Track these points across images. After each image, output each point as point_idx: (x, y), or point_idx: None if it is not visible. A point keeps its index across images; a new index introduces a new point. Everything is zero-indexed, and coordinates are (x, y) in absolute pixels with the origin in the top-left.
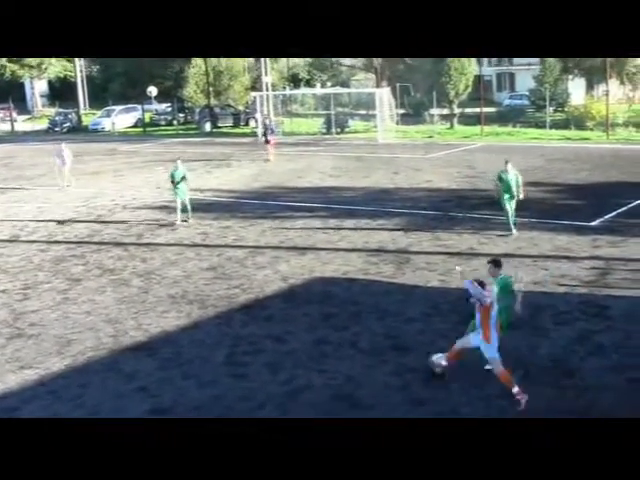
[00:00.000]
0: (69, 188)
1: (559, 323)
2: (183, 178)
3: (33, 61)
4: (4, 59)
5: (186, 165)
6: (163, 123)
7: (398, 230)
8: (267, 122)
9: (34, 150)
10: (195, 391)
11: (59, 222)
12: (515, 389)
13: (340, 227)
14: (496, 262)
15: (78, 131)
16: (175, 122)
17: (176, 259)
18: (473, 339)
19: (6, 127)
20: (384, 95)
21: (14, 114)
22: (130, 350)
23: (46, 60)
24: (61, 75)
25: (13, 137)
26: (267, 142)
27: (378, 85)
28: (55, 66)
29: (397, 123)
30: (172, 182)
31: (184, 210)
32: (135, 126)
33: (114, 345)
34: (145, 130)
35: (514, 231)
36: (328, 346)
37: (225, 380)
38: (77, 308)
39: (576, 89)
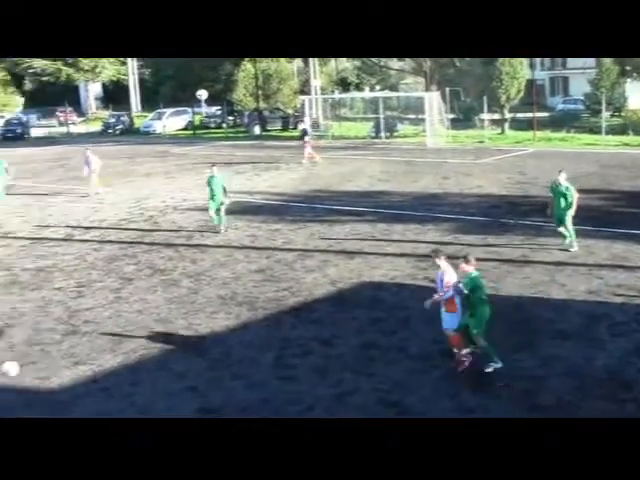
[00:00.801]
0: (98, 196)
1: (615, 334)
2: (223, 189)
3: (87, 65)
4: (59, 62)
5: (235, 168)
6: (213, 126)
7: (447, 235)
8: (305, 125)
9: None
10: (243, 392)
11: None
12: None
13: (388, 231)
14: (465, 258)
15: (130, 133)
16: (225, 125)
17: (225, 261)
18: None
19: (65, 129)
20: (434, 99)
21: (74, 117)
22: (180, 350)
23: (100, 63)
24: (114, 78)
25: (69, 139)
26: (305, 145)
27: (427, 89)
28: (109, 69)
29: (447, 128)
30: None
31: (220, 219)
32: (185, 129)
33: (165, 344)
34: (195, 133)
35: (574, 246)
36: (376, 350)
37: (273, 382)
38: (129, 307)
39: (634, 93)
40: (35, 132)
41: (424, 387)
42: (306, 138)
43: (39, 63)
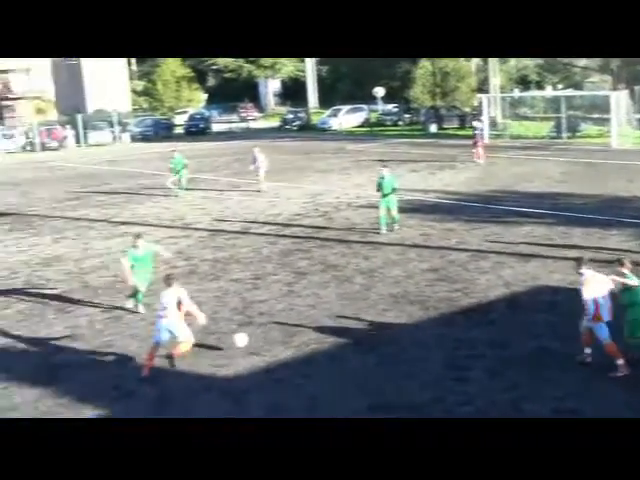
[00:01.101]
0: (265, 194)
1: None
2: (393, 189)
3: (267, 62)
4: (241, 60)
5: (410, 166)
6: (389, 123)
7: (632, 241)
8: (476, 124)
9: (266, 147)
10: (415, 391)
11: None
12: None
13: (568, 235)
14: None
15: (307, 129)
16: (401, 123)
17: (398, 259)
18: None
19: (245, 125)
20: (621, 98)
21: (255, 113)
22: (351, 346)
23: (279, 60)
24: (293, 75)
25: (247, 134)
26: (475, 144)
27: (615, 88)
28: (288, 66)
29: (635, 128)
30: (378, 191)
31: (392, 220)
32: (361, 126)
33: (336, 339)
34: (371, 130)
35: None
36: (551, 357)
37: (445, 383)
38: (301, 301)
39: None
40: (216, 127)
41: (600, 395)
42: (476, 137)
43: (222, 60)
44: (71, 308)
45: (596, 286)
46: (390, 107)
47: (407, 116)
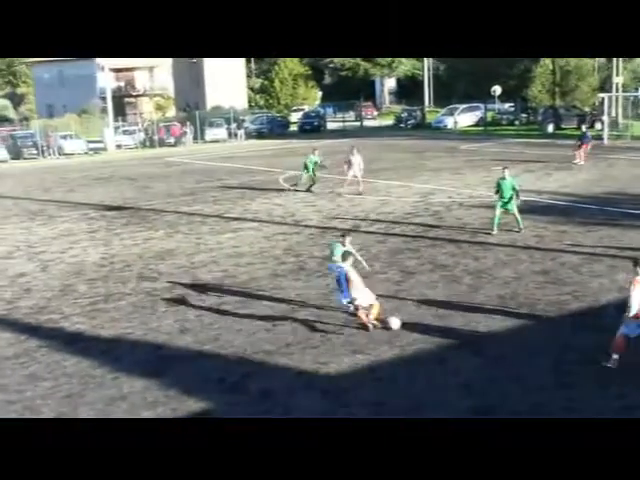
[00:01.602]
0: (344, 196)
1: None
2: (514, 190)
3: (385, 60)
4: (359, 58)
5: (525, 166)
6: (505, 123)
7: None
8: (583, 127)
9: (380, 145)
10: (519, 395)
11: None
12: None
13: None
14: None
15: (422, 128)
16: (517, 122)
17: (508, 260)
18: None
19: (359, 123)
20: None
21: (374, 111)
22: (457, 346)
23: (397, 59)
24: (409, 74)
25: (361, 132)
26: (580, 146)
27: None
28: (405, 65)
29: None
30: (496, 193)
31: (517, 223)
32: (476, 125)
33: (441, 339)
34: (486, 129)
35: None
36: None
37: (550, 388)
38: (409, 301)
39: None
40: (330, 125)
41: None
42: (585, 141)
43: (339, 59)
44: (181, 302)
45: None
46: (506, 106)
47: (524, 115)
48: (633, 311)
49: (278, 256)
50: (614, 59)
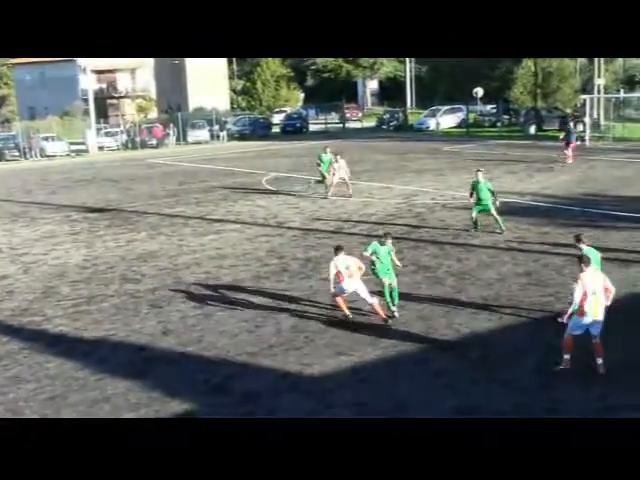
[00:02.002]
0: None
1: None
2: (490, 192)
3: (367, 62)
4: (341, 60)
5: (507, 168)
6: (487, 124)
7: None
8: (570, 125)
9: (362, 147)
10: (501, 396)
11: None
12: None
13: None
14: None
15: (404, 129)
16: (499, 124)
17: (491, 262)
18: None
19: (345, 124)
20: None
21: (359, 113)
22: (439, 348)
23: (379, 60)
24: (391, 75)
25: (343, 134)
26: (567, 144)
27: None
28: (387, 66)
29: None
30: (471, 195)
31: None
32: (459, 126)
33: (424, 341)
34: (468, 131)
35: None
36: None
37: (533, 389)
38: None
39: None
40: (313, 127)
41: None
42: (571, 138)
43: (321, 60)
44: (164, 303)
45: (588, 280)
46: (488, 108)
47: (506, 117)
48: (573, 307)
49: (261, 258)
50: (595, 61)
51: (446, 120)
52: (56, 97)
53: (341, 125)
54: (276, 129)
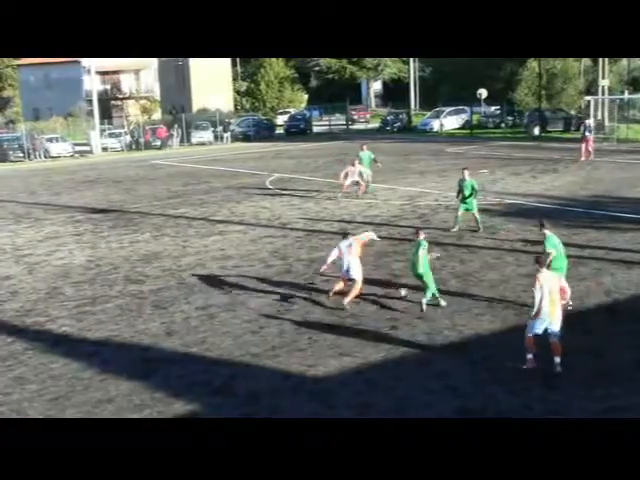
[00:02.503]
0: (333, 199)
1: None
2: (473, 190)
3: (371, 63)
4: (344, 61)
5: (511, 169)
6: (491, 125)
7: None
8: (587, 122)
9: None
10: (504, 397)
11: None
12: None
13: None
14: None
15: (407, 131)
16: (503, 125)
17: (495, 263)
18: None
19: (348, 126)
20: None
21: (367, 115)
22: (443, 349)
23: (382, 62)
24: (395, 76)
25: (347, 135)
26: (584, 140)
27: None
28: (391, 68)
29: None
30: (458, 193)
31: (476, 222)
32: (462, 128)
33: (428, 342)
34: (472, 132)
35: None
36: None
37: (536, 390)
38: (394, 303)
39: None
40: (316, 128)
41: None
42: (587, 135)
43: (325, 61)
44: (167, 304)
45: (544, 280)
46: (492, 109)
47: (510, 118)
48: (535, 308)
49: (264, 259)
50: (600, 62)
51: (450, 121)
52: (60, 98)
53: (344, 126)
54: (280, 130)
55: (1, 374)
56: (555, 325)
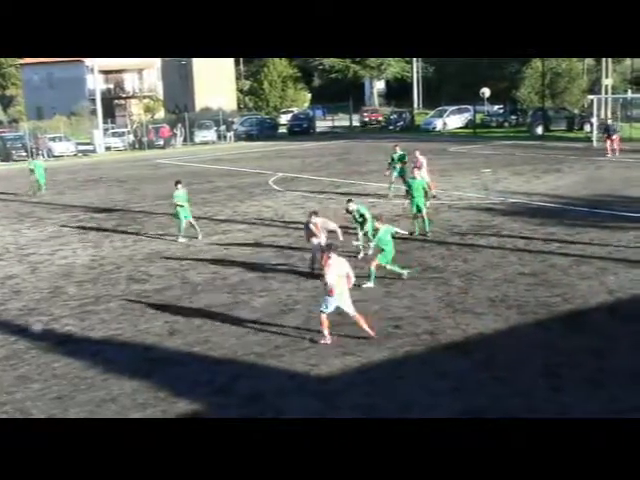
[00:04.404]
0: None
1: None
2: (422, 190)
3: (374, 62)
4: (348, 60)
5: (514, 169)
6: (494, 125)
7: None
8: (608, 122)
9: (368, 147)
10: (508, 398)
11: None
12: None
13: None
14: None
15: (410, 130)
16: (506, 124)
17: (498, 262)
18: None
19: (351, 125)
20: None
21: (379, 116)
22: (446, 348)
23: (386, 61)
24: (398, 76)
25: (350, 133)
26: (607, 138)
27: None
28: (394, 67)
29: None
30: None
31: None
32: (465, 127)
33: (431, 342)
34: (475, 131)
35: None
36: None
37: (539, 391)
38: (398, 302)
39: None
40: (319, 127)
41: None
42: (613, 135)
43: (328, 60)
44: (171, 304)
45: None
46: (495, 108)
47: (513, 117)
48: (328, 287)
49: (268, 258)
50: (603, 61)
51: (453, 120)
52: (63, 97)
53: (347, 125)
54: (283, 129)
55: (5, 373)
56: (347, 304)
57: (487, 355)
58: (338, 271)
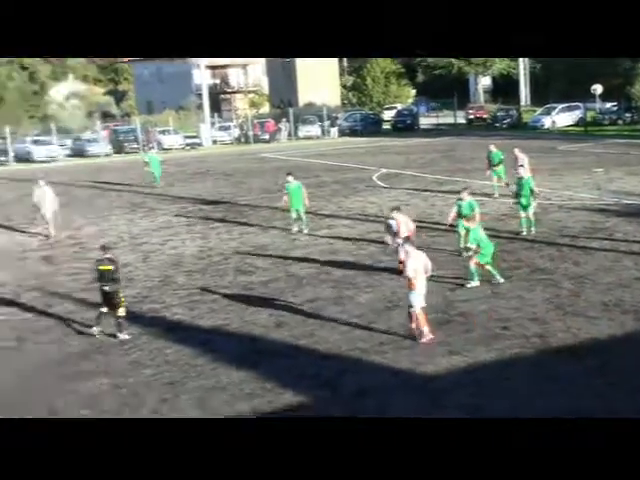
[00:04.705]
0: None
1: None
2: (529, 190)
3: (479, 59)
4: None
5: (628, 169)
6: (606, 122)
7: None
8: None
9: (474, 144)
10: (619, 402)
11: None
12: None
13: None
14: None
15: (517, 128)
16: (620, 122)
17: (611, 266)
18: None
19: (455, 122)
20: None
21: (485, 114)
22: (556, 352)
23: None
24: (505, 72)
25: (454, 130)
26: None
27: None
28: (499, 64)
29: None
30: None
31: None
32: (576, 125)
33: (540, 345)
34: (587, 129)
35: None
36: None
37: None
38: (505, 303)
39: None
40: (423, 124)
41: None
42: None
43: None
44: (276, 296)
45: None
46: (608, 105)
47: (628, 115)
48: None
49: (373, 254)
50: None
51: (562, 118)
52: (172, 92)
53: (452, 121)
54: (387, 125)
55: (119, 357)
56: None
57: (600, 361)
58: (416, 265)
